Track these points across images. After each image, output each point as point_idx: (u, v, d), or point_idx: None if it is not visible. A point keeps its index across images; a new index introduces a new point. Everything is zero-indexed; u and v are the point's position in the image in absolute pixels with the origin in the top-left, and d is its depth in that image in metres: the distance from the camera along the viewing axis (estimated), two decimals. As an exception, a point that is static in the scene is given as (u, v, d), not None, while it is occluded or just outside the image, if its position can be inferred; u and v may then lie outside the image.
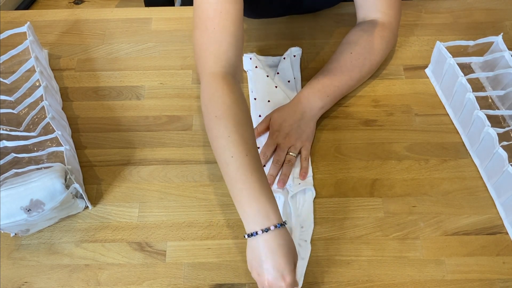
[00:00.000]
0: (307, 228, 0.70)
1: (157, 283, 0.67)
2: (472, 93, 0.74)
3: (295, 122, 0.75)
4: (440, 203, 0.73)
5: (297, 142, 0.75)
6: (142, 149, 0.79)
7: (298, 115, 0.76)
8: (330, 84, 0.78)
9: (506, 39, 0.82)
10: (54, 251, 0.70)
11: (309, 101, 0.77)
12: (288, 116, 0.76)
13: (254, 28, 0.94)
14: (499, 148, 0.68)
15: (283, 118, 0.76)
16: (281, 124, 0.76)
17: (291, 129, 0.75)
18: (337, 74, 0.78)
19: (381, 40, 0.80)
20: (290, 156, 0.74)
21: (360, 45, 0.80)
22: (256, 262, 0.59)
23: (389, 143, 0.79)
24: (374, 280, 0.66)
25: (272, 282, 0.58)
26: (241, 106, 0.65)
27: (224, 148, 0.63)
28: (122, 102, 0.85)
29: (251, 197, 0.60)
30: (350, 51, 0.79)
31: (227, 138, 0.63)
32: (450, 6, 0.97)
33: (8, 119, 0.80)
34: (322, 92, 0.77)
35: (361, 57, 0.79)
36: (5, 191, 0.63)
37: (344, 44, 0.82)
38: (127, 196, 0.75)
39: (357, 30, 0.82)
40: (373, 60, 0.81)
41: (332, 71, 0.79)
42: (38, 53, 0.83)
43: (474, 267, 0.67)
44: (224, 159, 0.62)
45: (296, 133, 0.75)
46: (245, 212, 0.61)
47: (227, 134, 0.63)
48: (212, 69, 0.67)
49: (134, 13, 0.98)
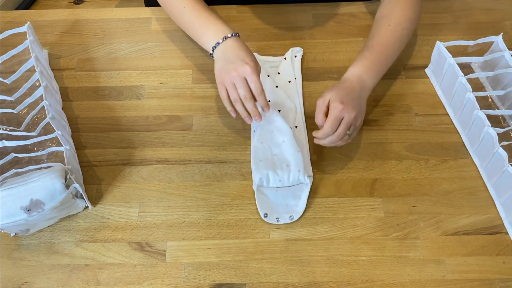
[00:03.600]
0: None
1: (157, 283, 0.67)
2: (472, 93, 0.74)
3: (357, 97, 0.72)
4: (440, 203, 0.73)
5: (358, 119, 0.72)
6: (142, 149, 0.79)
7: (357, 92, 0.73)
8: (378, 61, 0.77)
9: (506, 39, 0.82)
10: (54, 251, 0.70)
11: (362, 79, 0.74)
12: (350, 91, 0.72)
13: (254, 28, 0.94)
14: (499, 148, 0.68)
15: (345, 92, 0.71)
16: (345, 96, 0.70)
17: (354, 104, 0.71)
18: (382, 48, 0.78)
19: (412, 8, 0.81)
20: (347, 135, 0.72)
21: (395, 16, 0.80)
22: (224, 63, 0.73)
23: (389, 143, 0.79)
24: (374, 280, 0.67)
25: (238, 68, 0.70)
26: None
27: (175, 4, 0.80)
28: (122, 102, 0.85)
29: (209, 25, 0.76)
30: (387, 23, 0.80)
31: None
32: (450, 6, 0.97)
33: (8, 119, 0.80)
34: (373, 70, 0.76)
35: (399, 28, 0.79)
36: (5, 191, 0.63)
37: (380, 18, 0.82)
38: (127, 196, 0.75)
39: (387, 3, 0.83)
40: (410, 29, 0.81)
41: (376, 46, 0.78)
42: (38, 53, 0.83)
43: (474, 267, 0.67)
44: (179, 11, 0.80)
45: (359, 110, 0.72)
46: (207, 37, 0.76)
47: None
48: None
49: (134, 13, 0.98)
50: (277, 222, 0.71)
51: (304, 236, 0.70)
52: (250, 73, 0.70)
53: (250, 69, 0.70)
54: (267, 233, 0.71)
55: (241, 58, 0.72)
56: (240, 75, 0.71)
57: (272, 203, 0.72)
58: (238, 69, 0.71)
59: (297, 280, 0.67)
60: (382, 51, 0.77)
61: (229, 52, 0.73)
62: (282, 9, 0.97)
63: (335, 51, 0.91)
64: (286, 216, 0.71)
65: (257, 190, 0.73)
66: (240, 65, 0.71)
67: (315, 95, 0.85)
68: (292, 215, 0.71)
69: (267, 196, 0.73)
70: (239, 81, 0.71)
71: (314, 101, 0.83)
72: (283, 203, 0.72)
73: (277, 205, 0.72)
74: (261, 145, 0.77)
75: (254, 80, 0.71)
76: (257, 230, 0.71)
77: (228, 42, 0.74)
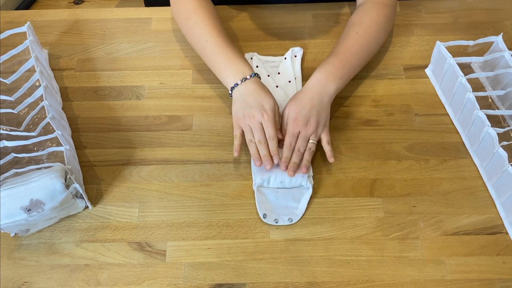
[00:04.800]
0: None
1: (157, 283, 0.67)
2: (472, 93, 0.74)
3: (313, 108, 0.74)
4: (440, 203, 0.73)
5: (318, 128, 0.74)
6: (142, 149, 0.79)
7: (316, 101, 0.74)
8: (342, 66, 0.77)
9: (506, 39, 0.82)
10: (54, 251, 0.70)
11: (323, 85, 0.75)
12: (305, 103, 0.74)
13: (254, 28, 0.94)
14: (499, 148, 0.68)
15: (301, 106, 0.74)
16: (300, 112, 0.74)
17: (310, 116, 0.74)
18: (347, 55, 0.78)
19: (384, 18, 0.82)
20: (311, 143, 0.74)
21: (365, 24, 0.81)
22: (242, 106, 0.74)
23: (389, 143, 0.79)
24: (374, 280, 0.67)
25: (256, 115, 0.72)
26: (207, 7, 0.81)
27: (198, 37, 0.80)
28: (122, 102, 0.85)
29: (229, 63, 0.76)
30: (356, 31, 0.80)
31: (199, 30, 0.79)
32: (450, 6, 0.97)
33: (8, 119, 0.80)
34: (335, 76, 0.76)
35: (367, 36, 0.80)
36: (5, 191, 0.63)
37: (349, 26, 0.83)
38: (127, 196, 0.75)
39: (359, 11, 0.84)
40: (379, 38, 0.82)
41: (342, 53, 0.79)
42: (38, 53, 0.83)
43: (474, 267, 0.67)
44: (201, 45, 0.80)
45: (316, 120, 0.74)
46: (226, 75, 0.76)
47: (198, 27, 0.79)
48: None
49: (134, 13, 0.98)
50: (276, 223, 0.71)
51: (304, 236, 0.70)
52: (267, 121, 0.72)
53: (267, 117, 0.72)
54: (267, 233, 0.71)
55: (260, 104, 0.73)
56: (258, 121, 0.73)
57: (272, 204, 0.72)
58: (256, 116, 0.72)
59: (297, 280, 0.67)
60: (346, 58, 0.78)
61: (248, 95, 0.74)
62: (282, 9, 0.97)
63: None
64: (285, 218, 0.71)
65: (257, 190, 0.73)
66: (258, 111, 0.72)
67: (315, 95, 0.85)
68: (291, 218, 0.71)
69: (267, 197, 0.73)
70: (256, 127, 0.73)
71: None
72: (283, 204, 0.72)
73: (277, 206, 0.72)
74: None
75: (270, 127, 0.72)
76: (257, 230, 0.71)
77: (248, 84, 0.74)
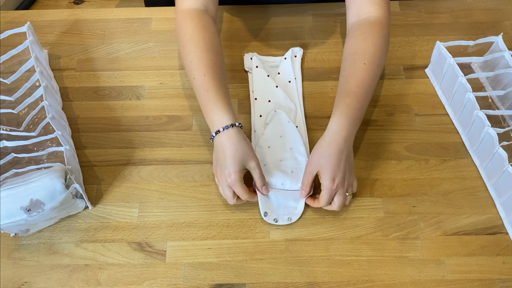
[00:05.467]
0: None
1: (157, 283, 0.67)
2: (472, 93, 0.74)
3: (345, 162, 0.69)
4: (440, 203, 0.73)
5: (354, 181, 0.71)
6: (142, 149, 0.79)
7: (345, 153, 0.69)
8: (361, 106, 0.72)
9: (506, 39, 0.82)
10: (54, 251, 0.70)
11: (347, 132, 0.70)
12: (336, 158, 0.68)
13: (254, 28, 0.94)
14: (499, 148, 0.68)
15: (333, 163, 0.68)
16: (333, 169, 0.68)
17: (345, 171, 0.69)
18: (362, 92, 0.73)
19: (384, 40, 0.78)
20: (348, 196, 0.71)
21: (369, 52, 0.76)
22: (215, 161, 0.71)
23: (389, 143, 0.79)
24: (374, 280, 0.67)
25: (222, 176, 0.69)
26: (204, 35, 0.77)
27: (189, 71, 0.76)
28: (122, 102, 0.85)
29: (209, 109, 0.71)
30: (362, 61, 0.75)
31: (190, 63, 0.75)
32: (450, 6, 0.97)
33: (8, 119, 0.80)
34: (355, 118, 0.71)
35: (375, 65, 0.75)
36: (5, 191, 0.63)
37: (352, 55, 0.77)
38: (127, 196, 0.75)
39: (358, 37, 0.78)
40: (383, 63, 0.78)
41: (357, 90, 0.73)
42: (38, 53, 0.83)
43: (474, 267, 0.67)
44: (190, 80, 0.76)
45: (350, 173, 0.70)
46: (208, 122, 0.72)
47: (190, 60, 0.75)
48: (184, 6, 0.79)
49: (134, 13, 0.98)
50: (275, 223, 0.71)
51: (304, 236, 0.70)
52: (234, 185, 0.68)
53: (232, 182, 0.68)
54: (267, 233, 0.71)
55: (225, 166, 0.68)
56: (224, 181, 0.69)
57: (272, 203, 0.72)
58: (222, 177, 0.69)
59: (297, 280, 0.67)
60: (362, 94, 0.73)
61: (219, 152, 0.70)
62: (282, 9, 0.97)
63: (335, 51, 0.91)
64: (285, 217, 0.71)
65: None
66: (224, 174, 0.68)
67: (315, 95, 0.85)
68: (291, 217, 0.71)
69: (269, 196, 0.73)
70: (224, 187, 0.70)
71: (314, 101, 0.84)
72: (283, 204, 0.72)
73: (277, 206, 0.72)
74: (268, 150, 0.77)
75: (237, 191, 0.69)
76: (257, 230, 0.71)
77: (220, 137, 0.69)
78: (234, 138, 0.69)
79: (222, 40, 0.93)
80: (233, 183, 0.68)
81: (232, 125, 0.69)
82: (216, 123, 0.70)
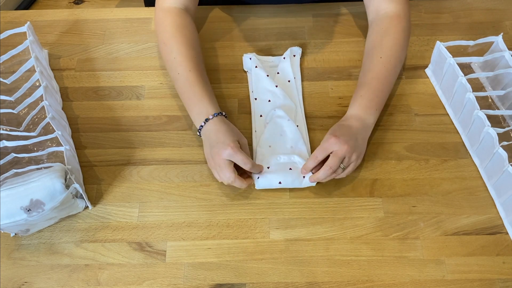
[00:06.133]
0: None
1: (157, 283, 0.67)
2: (472, 93, 0.74)
3: (354, 134, 0.71)
4: (440, 203, 0.73)
5: (353, 154, 0.70)
6: (142, 149, 0.79)
7: (355, 130, 0.72)
8: (375, 97, 0.75)
9: (506, 39, 0.82)
10: (54, 251, 0.70)
11: (361, 120, 0.73)
12: (346, 129, 0.72)
13: (254, 28, 0.94)
14: (499, 148, 0.68)
15: (340, 128, 0.72)
16: (341, 131, 0.71)
17: (349, 138, 0.70)
18: (377, 83, 0.76)
19: (403, 34, 0.79)
20: (341, 169, 0.71)
21: (386, 46, 0.78)
22: (208, 148, 0.72)
23: (389, 143, 0.79)
24: (374, 280, 0.67)
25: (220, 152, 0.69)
26: (185, 32, 0.79)
27: (172, 67, 0.78)
28: (122, 102, 0.85)
29: (195, 102, 0.75)
30: (379, 55, 0.77)
31: (173, 59, 0.77)
32: (450, 6, 0.97)
33: (8, 119, 0.80)
34: (371, 107, 0.74)
35: (392, 59, 0.77)
36: (5, 191, 0.63)
37: (370, 49, 0.79)
38: (127, 196, 0.75)
39: (376, 31, 0.80)
40: (402, 56, 0.79)
41: (372, 82, 0.76)
42: (38, 53, 0.83)
43: (474, 267, 0.67)
44: (173, 76, 0.78)
45: (354, 144, 0.70)
46: (193, 115, 0.75)
47: (173, 56, 0.78)
48: (165, 4, 0.82)
49: (134, 13, 0.98)
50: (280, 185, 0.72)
51: (304, 236, 0.70)
52: (233, 154, 0.68)
53: (231, 150, 0.68)
54: (267, 233, 0.71)
55: (221, 141, 0.70)
56: (223, 159, 0.69)
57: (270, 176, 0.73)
58: (220, 153, 0.69)
59: (297, 280, 0.67)
60: (378, 86, 0.76)
61: (212, 136, 0.72)
62: (282, 9, 0.97)
63: (335, 51, 0.91)
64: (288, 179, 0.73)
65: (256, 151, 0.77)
66: (221, 148, 0.69)
67: (315, 95, 0.85)
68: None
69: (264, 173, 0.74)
70: (222, 166, 0.69)
71: (314, 101, 0.84)
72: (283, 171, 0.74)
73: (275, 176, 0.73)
74: (268, 149, 0.77)
75: (238, 159, 0.69)
76: (257, 230, 0.71)
77: (210, 124, 0.72)
78: (224, 121, 0.73)
79: (222, 40, 0.93)
80: (232, 153, 0.68)
81: (220, 113, 0.74)
82: (203, 113, 0.73)
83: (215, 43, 0.92)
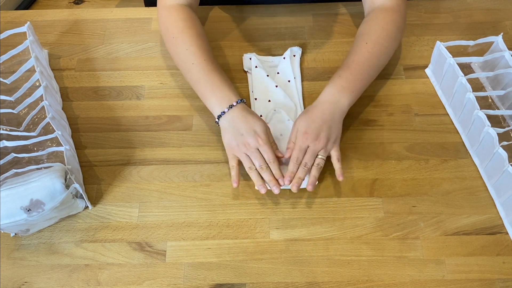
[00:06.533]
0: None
1: (157, 283, 0.67)
2: (472, 93, 0.74)
3: (324, 123, 0.72)
4: (440, 203, 0.73)
5: (328, 144, 0.72)
6: (142, 149, 0.79)
7: (327, 116, 0.73)
8: (354, 79, 0.75)
9: (506, 39, 0.82)
10: (54, 251, 0.70)
11: (336, 100, 0.74)
12: (316, 118, 0.73)
13: (254, 28, 0.94)
14: (499, 148, 0.68)
15: (311, 119, 0.73)
16: (310, 125, 0.72)
17: (321, 130, 0.72)
18: (358, 67, 0.76)
19: (393, 25, 0.79)
20: (319, 159, 0.72)
21: (374, 33, 0.79)
22: (233, 135, 0.72)
23: (389, 143, 0.79)
24: (374, 280, 0.67)
25: (249, 141, 0.71)
26: (195, 25, 0.80)
27: (185, 59, 0.77)
28: (122, 102, 0.85)
29: (214, 89, 0.74)
30: (365, 41, 0.78)
31: (185, 50, 0.77)
32: (450, 6, 0.97)
33: (8, 119, 0.80)
34: (347, 89, 0.74)
35: (377, 45, 0.78)
36: (5, 191, 0.63)
37: (358, 36, 0.80)
38: (127, 196, 0.75)
39: (368, 20, 0.82)
40: (389, 46, 0.80)
41: (352, 65, 0.76)
42: (38, 53, 0.83)
43: (474, 267, 0.67)
44: (187, 67, 0.77)
45: (326, 135, 0.72)
46: (211, 102, 0.74)
47: (185, 48, 0.77)
48: (169, 2, 0.82)
49: (134, 13, 0.98)
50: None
51: (304, 236, 0.70)
52: (263, 145, 0.71)
53: (262, 141, 0.71)
54: (267, 233, 0.71)
55: (252, 129, 0.71)
56: (253, 147, 0.71)
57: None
58: (250, 142, 0.71)
59: (297, 280, 0.67)
60: (357, 69, 0.76)
61: (237, 123, 0.72)
62: (282, 9, 0.97)
63: (335, 51, 0.91)
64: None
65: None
66: (252, 137, 0.71)
67: (315, 95, 0.85)
68: None
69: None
70: (253, 153, 0.71)
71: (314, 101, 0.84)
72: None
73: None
74: None
75: (267, 150, 0.71)
76: (257, 230, 0.71)
77: (235, 111, 0.73)
78: (247, 108, 0.74)
79: (222, 40, 0.93)
80: (265, 142, 0.71)
81: (242, 100, 0.74)
82: (226, 100, 0.73)
83: (215, 43, 0.92)
